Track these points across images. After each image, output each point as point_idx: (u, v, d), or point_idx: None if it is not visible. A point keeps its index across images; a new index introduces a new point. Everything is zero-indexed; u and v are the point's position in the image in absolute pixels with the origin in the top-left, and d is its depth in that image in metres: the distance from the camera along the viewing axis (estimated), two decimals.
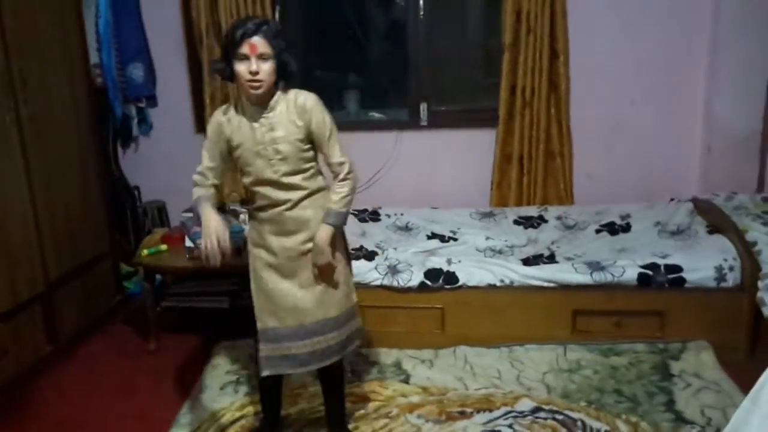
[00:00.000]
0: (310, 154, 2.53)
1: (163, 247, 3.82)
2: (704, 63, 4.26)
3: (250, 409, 3.10)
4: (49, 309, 3.61)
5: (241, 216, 4.06)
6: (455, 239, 4.01)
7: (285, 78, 2.46)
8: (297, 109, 2.47)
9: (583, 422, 2.88)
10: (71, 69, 3.89)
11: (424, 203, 4.43)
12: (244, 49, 2.34)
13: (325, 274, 2.55)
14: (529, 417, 2.95)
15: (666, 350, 3.38)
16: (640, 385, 3.14)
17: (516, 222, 4.20)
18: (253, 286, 2.62)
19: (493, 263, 3.57)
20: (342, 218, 2.54)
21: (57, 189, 3.70)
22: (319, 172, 2.59)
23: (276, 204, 2.51)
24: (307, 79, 4.93)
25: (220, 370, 3.46)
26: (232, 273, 3.82)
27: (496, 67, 4.38)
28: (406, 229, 4.20)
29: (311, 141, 2.51)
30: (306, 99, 2.48)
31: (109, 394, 3.36)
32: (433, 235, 4.05)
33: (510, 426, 2.89)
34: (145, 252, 3.77)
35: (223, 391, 3.27)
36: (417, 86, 4.60)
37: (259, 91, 2.40)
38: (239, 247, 3.62)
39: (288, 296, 2.55)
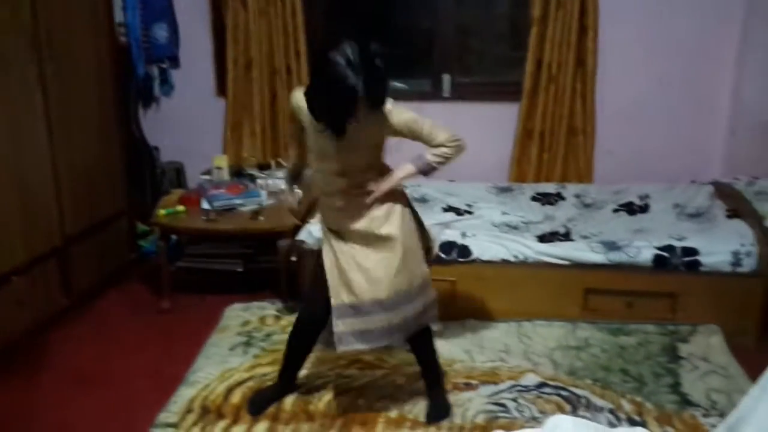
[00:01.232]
0: (380, 151, 2.58)
1: (181, 208, 3.85)
2: (734, 45, 4.18)
3: (258, 371, 3.14)
4: (65, 264, 3.67)
5: (259, 181, 4.08)
6: (471, 213, 3.99)
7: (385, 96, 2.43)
8: (377, 121, 2.44)
9: (587, 399, 2.89)
10: (96, 27, 3.91)
11: (442, 175, 4.39)
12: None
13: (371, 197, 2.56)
14: (534, 392, 2.96)
15: (676, 332, 3.37)
16: (647, 366, 3.13)
17: (533, 198, 4.18)
18: (327, 262, 2.62)
19: (507, 239, 3.56)
20: (427, 166, 2.56)
21: (77, 146, 3.73)
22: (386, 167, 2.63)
23: (343, 191, 2.55)
24: (330, 44, 4.91)
25: (230, 332, 3.50)
26: (247, 236, 3.86)
27: (522, 41, 4.33)
28: (423, 200, 4.18)
29: (398, 137, 2.52)
30: (389, 111, 2.46)
31: (121, 350, 3.42)
32: (449, 208, 4.04)
33: (514, 400, 2.90)
34: (163, 212, 3.80)
35: (233, 351, 3.31)
36: (441, 57, 4.56)
37: None
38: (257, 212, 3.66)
39: (361, 271, 2.56)
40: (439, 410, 2.82)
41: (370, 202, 2.56)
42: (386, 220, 2.57)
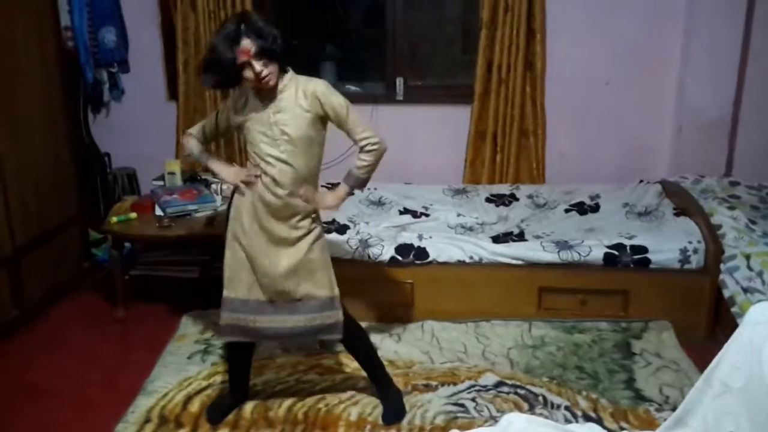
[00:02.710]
0: (317, 139, 2.58)
1: (133, 215, 3.79)
2: (678, 45, 4.29)
3: (217, 378, 3.12)
4: (16, 274, 3.58)
5: (213, 186, 4.04)
6: (427, 215, 4.02)
7: (283, 60, 2.48)
8: (307, 95, 2.50)
9: (544, 397, 2.94)
10: (41, 31, 3.82)
11: (398, 178, 4.43)
12: (240, 57, 2.36)
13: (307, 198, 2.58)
14: (492, 391, 3.00)
15: (628, 329, 3.45)
16: (601, 363, 3.20)
17: (488, 199, 4.23)
18: (228, 253, 2.64)
19: (463, 240, 3.60)
20: (361, 183, 2.65)
21: (25, 153, 3.65)
22: (319, 162, 2.65)
23: (276, 185, 2.53)
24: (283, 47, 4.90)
25: (188, 340, 3.46)
26: (203, 243, 3.82)
27: (473, 44, 4.38)
28: (379, 203, 4.21)
29: (324, 124, 2.57)
30: (315, 86, 2.52)
31: (76, 361, 3.36)
32: (405, 211, 4.07)
33: (473, 399, 2.94)
34: (114, 219, 3.74)
35: (191, 360, 3.28)
36: (394, 60, 4.58)
37: (272, 83, 2.45)
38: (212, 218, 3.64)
39: (264, 271, 2.59)
40: (394, 411, 2.86)
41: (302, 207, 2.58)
42: (305, 237, 2.61)
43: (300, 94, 2.51)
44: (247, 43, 2.36)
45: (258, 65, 2.38)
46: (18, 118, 3.58)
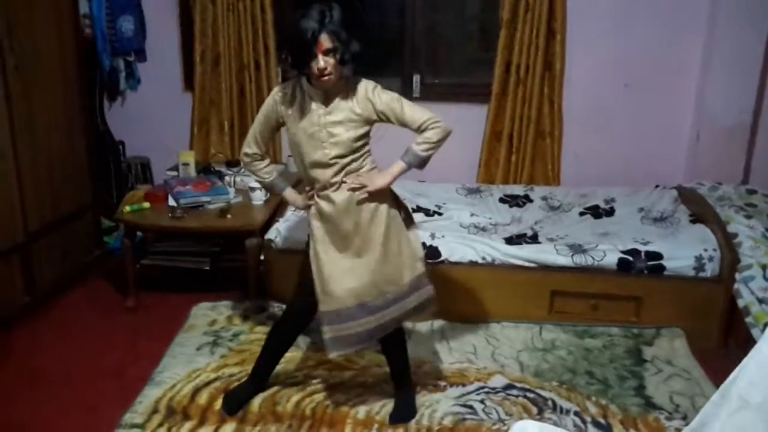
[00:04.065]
0: (364, 141, 2.57)
1: (146, 204, 3.79)
2: (699, 50, 4.24)
3: (225, 371, 3.12)
4: (27, 260, 3.59)
5: (226, 178, 4.04)
6: (440, 214, 4.00)
7: (351, 62, 2.45)
8: (357, 97, 2.50)
9: (553, 401, 2.92)
10: (60, 18, 3.81)
11: (411, 176, 4.39)
12: (312, 48, 2.34)
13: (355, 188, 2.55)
14: (501, 393, 2.98)
15: (640, 335, 3.43)
16: (612, 369, 3.18)
17: (501, 200, 4.20)
18: (314, 266, 2.60)
19: (476, 240, 3.58)
20: (419, 160, 2.58)
21: (41, 140, 3.65)
22: (369, 154, 2.63)
23: (325, 186, 2.55)
24: None
25: (197, 331, 3.46)
26: (214, 234, 3.82)
27: (492, 43, 4.35)
28: None
29: (379, 122, 2.55)
30: (366, 87, 2.51)
31: (85, 349, 3.36)
32: (418, 209, 4.04)
33: (482, 401, 2.92)
34: (128, 208, 3.74)
35: (200, 351, 3.28)
36: (411, 57, 4.56)
37: (330, 84, 2.43)
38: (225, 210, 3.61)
39: (344, 277, 2.57)
40: (404, 412, 2.84)
41: (361, 198, 2.55)
42: (371, 221, 2.57)
43: (353, 98, 2.49)
44: (323, 38, 2.34)
45: (323, 61, 2.36)
46: (34, 106, 3.57)
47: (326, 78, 2.40)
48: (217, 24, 4.38)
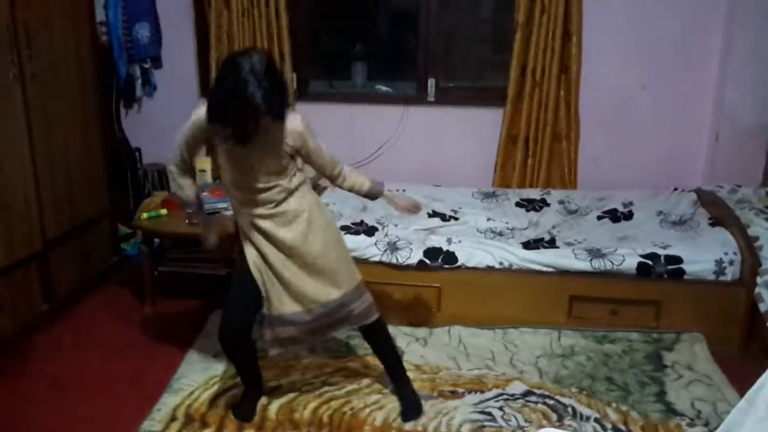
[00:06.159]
0: (290, 167, 2.61)
1: (163, 211, 3.80)
2: (718, 51, 4.20)
3: None
4: (45, 267, 3.61)
5: None
6: (456, 218, 3.98)
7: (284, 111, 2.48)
8: (289, 132, 2.51)
9: (573, 408, 2.89)
10: (77, 26, 3.84)
11: (427, 180, 4.41)
12: (253, 120, 2.35)
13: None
14: (520, 400, 2.96)
15: (660, 340, 3.39)
16: (632, 374, 3.14)
17: (518, 204, 4.18)
18: (256, 275, 2.66)
19: (492, 245, 3.56)
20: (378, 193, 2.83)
21: (58, 147, 3.68)
22: (299, 170, 2.67)
23: (259, 203, 2.59)
24: (314, 45, 4.89)
25: (214, 338, 3.41)
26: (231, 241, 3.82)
27: (507, 46, 4.33)
28: None
29: (298, 156, 2.62)
30: (297, 124, 2.53)
31: (103, 355, 3.37)
32: (434, 214, 4.03)
33: (501, 408, 2.90)
34: (145, 215, 3.75)
35: (217, 358, 3.28)
36: (426, 61, 4.55)
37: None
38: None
39: (291, 285, 2.64)
40: (413, 406, 2.87)
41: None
42: (310, 232, 2.63)
43: (284, 132, 2.51)
44: (259, 104, 2.29)
45: (263, 121, 2.37)
46: (51, 113, 3.60)
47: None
48: (232, 30, 4.39)
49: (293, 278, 2.63)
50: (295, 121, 2.53)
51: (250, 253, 2.66)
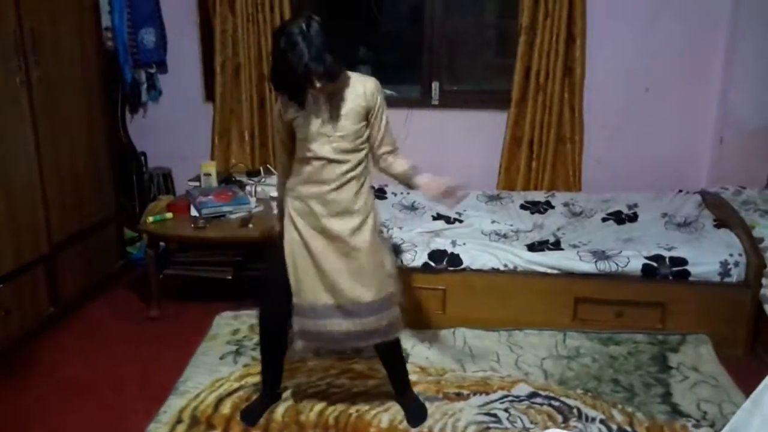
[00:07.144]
0: (364, 137, 2.61)
1: (169, 215, 3.81)
2: (722, 53, 4.21)
3: (248, 380, 3.12)
4: (52, 271, 3.63)
5: (247, 188, 4.06)
6: (461, 221, 3.99)
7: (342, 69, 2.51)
8: (361, 92, 2.56)
9: (579, 410, 2.89)
10: (83, 31, 3.86)
11: None
12: (304, 84, 2.41)
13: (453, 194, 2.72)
14: (526, 402, 2.96)
15: (665, 342, 3.39)
16: (637, 376, 3.14)
17: (522, 206, 4.18)
18: (289, 260, 2.64)
19: (497, 247, 3.56)
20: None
21: (64, 152, 3.70)
22: (367, 157, 2.66)
23: (324, 179, 2.57)
24: None
25: (220, 340, 3.48)
26: (236, 244, 3.84)
27: (511, 49, 4.34)
28: (412, 208, 4.19)
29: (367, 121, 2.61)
30: (369, 83, 2.59)
31: (110, 358, 3.38)
32: (438, 216, 4.04)
33: (506, 410, 2.90)
34: (150, 219, 3.77)
35: (223, 361, 3.29)
36: (430, 64, 4.56)
37: (327, 90, 2.48)
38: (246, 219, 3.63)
39: (327, 275, 2.60)
40: (418, 411, 2.87)
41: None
42: (359, 230, 2.61)
43: (356, 90, 2.56)
44: (312, 69, 2.35)
45: (318, 84, 2.41)
46: (57, 118, 3.62)
47: (323, 89, 2.46)
48: (237, 35, 4.40)
49: (331, 268, 2.59)
50: (367, 80, 2.59)
51: (290, 240, 2.64)
